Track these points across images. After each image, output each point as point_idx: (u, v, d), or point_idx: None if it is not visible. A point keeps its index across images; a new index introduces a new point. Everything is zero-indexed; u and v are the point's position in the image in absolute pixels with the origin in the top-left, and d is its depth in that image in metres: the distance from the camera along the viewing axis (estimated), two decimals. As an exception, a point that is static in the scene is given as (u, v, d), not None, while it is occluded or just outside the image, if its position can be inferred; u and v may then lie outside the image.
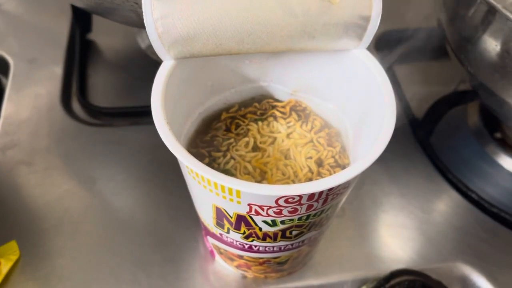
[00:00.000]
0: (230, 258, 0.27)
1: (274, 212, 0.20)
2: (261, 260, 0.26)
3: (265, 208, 0.20)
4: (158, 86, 0.21)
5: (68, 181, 0.32)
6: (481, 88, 0.32)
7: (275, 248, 0.24)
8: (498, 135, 0.37)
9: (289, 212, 0.21)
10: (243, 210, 0.21)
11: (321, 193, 0.20)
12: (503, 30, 0.26)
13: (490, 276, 0.30)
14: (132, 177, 0.33)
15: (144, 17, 0.21)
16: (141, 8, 0.27)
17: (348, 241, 0.31)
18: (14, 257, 0.28)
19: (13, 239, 0.29)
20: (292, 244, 0.24)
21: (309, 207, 0.21)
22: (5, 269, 0.28)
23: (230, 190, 0.19)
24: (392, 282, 0.29)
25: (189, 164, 0.19)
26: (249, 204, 0.20)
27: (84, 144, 0.35)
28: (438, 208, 0.33)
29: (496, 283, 0.30)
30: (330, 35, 0.23)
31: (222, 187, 0.19)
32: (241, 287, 0.29)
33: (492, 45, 0.27)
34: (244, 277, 0.29)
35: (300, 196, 0.19)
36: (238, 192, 0.19)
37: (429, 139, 0.36)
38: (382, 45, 0.43)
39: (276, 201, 0.19)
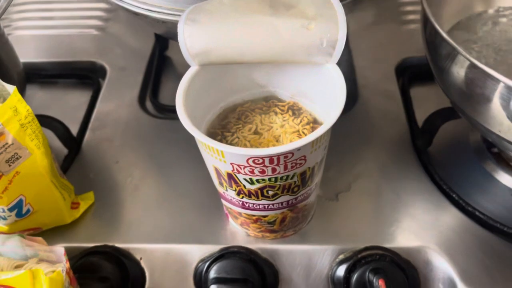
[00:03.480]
0: (235, 216, 0.36)
1: (249, 171, 0.29)
2: (254, 218, 0.35)
3: (242, 167, 0.29)
4: (183, 83, 0.32)
5: (136, 154, 0.44)
6: (458, 110, 0.37)
7: (260, 206, 0.33)
8: (495, 149, 0.42)
9: (259, 172, 0.29)
10: (229, 169, 0.30)
11: (278, 158, 0.28)
12: (462, 62, 0.32)
13: (455, 263, 0.35)
14: (181, 156, 0.44)
15: (178, 36, 0.31)
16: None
17: (336, 221, 0.38)
18: (90, 202, 0.40)
19: (91, 191, 0.41)
20: (273, 205, 0.33)
21: (273, 170, 0.29)
22: (83, 208, 0.39)
23: (217, 151, 0.29)
24: (365, 253, 0.36)
25: (192, 133, 0.29)
26: (231, 163, 0.29)
27: (151, 131, 0.47)
28: (420, 204, 0.39)
29: (459, 268, 0.35)
30: (306, 52, 0.31)
31: (213, 149, 0.29)
32: (245, 242, 0.37)
33: (456, 73, 0.33)
34: (248, 235, 0.38)
35: (262, 158, 0.28)
36: (222, 152, 0.29)
37: (427, 148, 0.42)
38: (401, 70, 0.50)
39: (247, 161, 0.28)
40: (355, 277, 0.35)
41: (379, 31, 0.55)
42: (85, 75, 0.53)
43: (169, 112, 0.48)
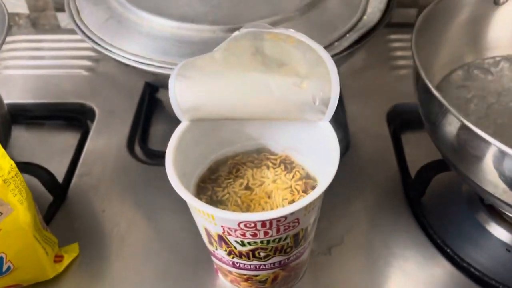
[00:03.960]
0: (225, 273, 0.35)
1: (241, 234, 0.28)
2: (245, 277, 0.34)
3: (233, 230, 0.28)
4: (173, 140, 0.31)
5: (123, 202, 0.43)
6: (449, 164, 0.37)
7: (251, 266, 0.32)
8: (487, 202, 0.42)
9: (251, 235, 0.28)
10: (219, 231, 0.29)
11: (271, 222, 0.27)
12: (454, 121, 0.32)
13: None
14: (170, 205, 0.43)
15: (169, 92, 0.31)
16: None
17: (329, 276, 0.37)
18: (74, 254, 0.39)
19: (75, 242, 0.40)
20: (265, 265, 0.32)
21: (266, 233, 0.28)
22: (66, 261, 0.38)
23: (208, 214, 0.28)
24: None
25: (181, 194, 0.28)
26: (222, 226, 0.28)
27: (139, 177, 0.45)
28: (414, 258, 0.38)
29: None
30: (298, 110, 0.31)
31: (203, 212, 0.28)
32: (235, 300, 0.36)
33: (448, 130, 0.33)
34: (238, 292, 0.37)
35: (254, 222, 0.27)
36: (212, 216, 0.28)
37: (420, 200, 0.42)
38: (392, 116, 0.50)
39: (238, 225, 0.27)
40: (348, 338, 0.34)
41: (369, 76, 0.55)
42: (73, 117, 0.52)
43: (159, 158, 0.47)
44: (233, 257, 0.31)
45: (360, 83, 0.54)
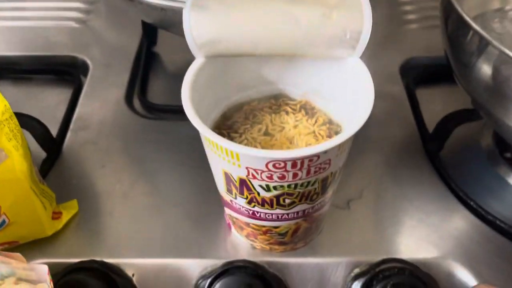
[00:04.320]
0: (240, 227, 0.33)
1: (267, 177, 0.26)
2: (264, 229, 0.31)
3: (259, 172, 0.26)
4: (189, 75, 0.28)
5: (124, 158, 0.40)
6: (481, 110, 0.35)
7: (273, 216, 0.29)
8: (507, 155, 0.40)
9: (278, 178, 0.26)
10: (243, 174, 0.26)
11: (302, 162, 0.25)
12: (494, 56, 0.30)
13: (478, 274, 0.33)
14: (174, 159, 0.40)
15: (184, 24, 0.28)
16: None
17: (349, 230, 0.35)
18: (73, 211, 0.36)
19: (74, 199, 0.37)
20: (288, 214, 0.29)
21: (295, 175, 0.26)
22: (65, 218, 0.35)
23: (232, 153, 0.25)
24: (383, 267, 0.33)
25: (201, 130, 0.25)
26: (246, 168, 0.26)
27: (140, 132, 0.42)
28: (437, 211, 0.36)
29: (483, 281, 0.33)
30: (327, 44, 0.28)
31: (226, 151, 0.25)
32: (250, 255, 0.34)
33: (485, 69, 0.31)
34: (253, 247, 0.34)
35: (285, 162, 0.25)
36: (237, 155, 0.25)
37: (438, 154, 0.40)
38: (405, 71, 0.48)
39: (266, 165, 0.25)
40: (374, 293, 0.32)
41: (378, 31, 0.52)
42: (64, 71, 0.48)
43: (160, 111, 0.44)
44: (254, 206, 0.29)
45: (371, 37, 0.51)
